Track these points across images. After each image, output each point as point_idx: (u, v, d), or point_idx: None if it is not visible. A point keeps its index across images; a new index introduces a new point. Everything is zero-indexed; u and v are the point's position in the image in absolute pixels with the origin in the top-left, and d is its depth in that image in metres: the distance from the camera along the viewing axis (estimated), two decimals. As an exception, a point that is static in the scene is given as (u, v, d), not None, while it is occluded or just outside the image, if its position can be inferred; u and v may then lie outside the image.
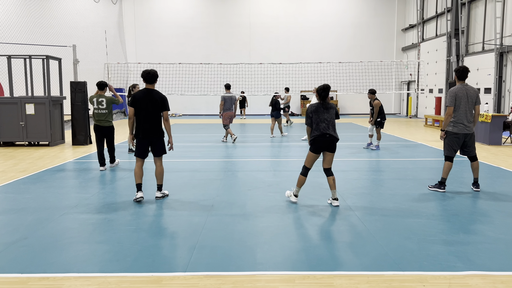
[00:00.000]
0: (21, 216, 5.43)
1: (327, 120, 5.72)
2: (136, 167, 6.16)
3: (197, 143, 12.95)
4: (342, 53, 26.90)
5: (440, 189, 6.67)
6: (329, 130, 5.70)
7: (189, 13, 27.55)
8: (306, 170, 5.91)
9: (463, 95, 6.39)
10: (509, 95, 17.24)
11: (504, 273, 3.72)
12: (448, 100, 6.46)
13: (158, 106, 5.97)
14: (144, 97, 5.94)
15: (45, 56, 12.40)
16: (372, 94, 11.29)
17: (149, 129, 5.98)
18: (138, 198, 6.05)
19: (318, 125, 5.72)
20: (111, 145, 8.73)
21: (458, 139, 6.50)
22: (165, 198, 6.32)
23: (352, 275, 3.69)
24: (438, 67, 22.81)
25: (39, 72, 13.18)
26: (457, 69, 6.52)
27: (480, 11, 19.67)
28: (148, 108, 5.93)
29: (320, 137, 5.70)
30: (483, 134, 12.62)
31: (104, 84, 8.63)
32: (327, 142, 5.73)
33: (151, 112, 5.94)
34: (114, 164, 8.85)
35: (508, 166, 8.86)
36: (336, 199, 5.90)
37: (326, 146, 5.75)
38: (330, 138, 5.71)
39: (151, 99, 5.94)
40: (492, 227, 4.94)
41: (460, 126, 6.42)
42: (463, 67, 6.50)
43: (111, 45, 23.86)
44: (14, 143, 12.35)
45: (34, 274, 3.71)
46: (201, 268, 3.81)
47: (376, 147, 11.44)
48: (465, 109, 6.39)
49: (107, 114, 8.47)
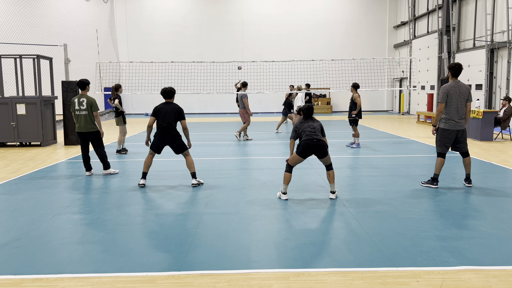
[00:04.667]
0: (13, 217, 5.38)
1: (313, 127, 5.86)
2: (148, 158, 7.09)
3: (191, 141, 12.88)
4: (334, 51, 26.96)
5: (433, 185, 6.73)
6: (316, 134, 5.78)
7: (181, 12, 27.45)
8: (290, 168, 6.00)
9: (455, 92, 6.42)
10: (500, 91, 17.39)
11: (496, 268, 3.76)
12: (440, 97, 6.50)
13: (175, 117, 6.95)
14: (163, 109, 6.96)
15: (36, 56, 12.29)
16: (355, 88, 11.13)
17: (167, 136, 6.95)
18: (141, 184, 6.99)
19: (304, 131, 5.85)
20: (99, 151, 7.82)
21: (450, 136, 6.55)
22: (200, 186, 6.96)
23: (347, 271, 3.71)
24: (430, 64, 22.95)
25: (30, 72, 13.06)
26: (451, 66, 6.51)
27: (471, 8, 19.81)
28: (166, 117, 6.91)
29: (307, 141, 5.77)
30: (474, 130, 12.72)
31: (86, 82, 7.82)
32: (314, 147, 5.76)
33: (169, 122, 6.91)
34: (107, 172, 7.92)
35: (500, 162, 8.94)
36: (333, 192, 6.07)
37: (313, 150, 5.80)
38: (318, 143, 5.76)
39: (169, 111, 6.93)
40: (484, 222, 4.99)
41: (452, 122, 6.47)
42: (458, 64, 6.50)
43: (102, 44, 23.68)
44: (5, 143, 12.24)
45: (27, 276, 3.68)
46: (196, 267, 3.81)
47: (356, 145, 11.20)
48: (456, 106, 6.44)
49: (87, 117, 7.59)
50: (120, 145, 10.46)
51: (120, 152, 10.40)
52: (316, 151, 5.81)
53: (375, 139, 13.05)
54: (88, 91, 7.95)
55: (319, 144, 5.77)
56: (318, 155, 5.86)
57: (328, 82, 22.85)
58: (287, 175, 6.00)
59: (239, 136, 13.08)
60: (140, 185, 7.00)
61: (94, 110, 7.64)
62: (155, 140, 7.04)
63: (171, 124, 6.92)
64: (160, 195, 6.47)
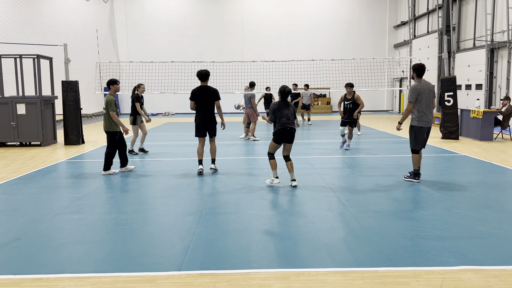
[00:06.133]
0: (13, 217, 5.38)
1: (287, 115, 6.70)
2: (199, 146, 7.94)
3: (190, 141, 12.91)
4: (334, 51, 26.95)
5: (415, 179, 7.09)
6: (289, 124, 6.68)
7: (181, 11, 27.45)
8: (271, 155, 6.91)
9: (425, 90, 6.87)
10: (500, 91, 17.39)
11: (496, 267, 3.76)
12: (410, 96, 6.88)
13: (211, 98, 7.74)
14: (200, 92, 7.73)
15: (36, 56, 12.29)
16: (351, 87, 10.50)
17: (205, 115, 7.78)
18: (199, 170, 7.83)
19: (280, 119, 6.70)
20: (106, 150, 8.00)
21: (423, 133, 6.96)
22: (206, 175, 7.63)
23: (347, 271, 3.71)
24: (430, 63, 22.94)
25: (30, 72, 13.06)
26: (416, 67, 6.94)
27: (471, 7, 19.80)
28: (203, 99, 7.71)
29: (282, 130, 6.67)
30: (474, 130, 12.72)
31: (108, 81, 7.93)
32: (287, 134, 6.71)
33: (206, 102, 7.72)
34: (124, 169, 8.15)
35: (500, 162, 8.94)
36: (294, 180, 6.84)
37: (286, 137, 6.74)
38: (291, 131, 6.71)
39: (206, 93, 7.73)
40: (484, 222, 4.99)
41: (425, 119, 6.88)
42: (422, 65, 6.98)
43: (102, 44, 23.69)
44: (5, 143, 12.24)
45: (27, 275, 3.68)
46: (196, 267, 3.81)
47: (348, 146, 10.84)
48: (426, 103, 6.87)
49: (105, 116, 7.86)
50: (132, 145, 10.33)
51: (131, 153, 10.24)
52: (288, 138, 6.75)
53: (375, 139, 13.04)
54: (117, 91, 8.02)
55: (292, 132, 6.74)
56: (288, 141, 6.78)
57: (328, 82, 22.84)
58: (272, 162, 6.89)
59: (247, 136, 13.26)
60: (199, 171, 7.81)
61: (110, 110, 7.79)
62: (196, 127, 7.83)
63: (209, 107, 7.71)
64: (161, 195, 6.48)
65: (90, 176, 7.90)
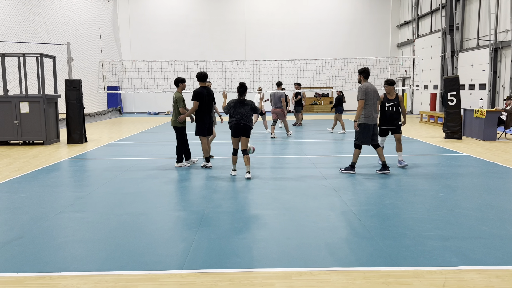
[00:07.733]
0: (16, 215, 5.40)
1: (241, 113, 7.46)
2: (203, 144, 8.35)
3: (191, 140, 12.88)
4: (337, 50, 26.91)
5: (352, 171, 7.82)
6: (243, 120, 7.45)
7: (184, 11, 27.46)
8: (234, 151, 7.66)
9: (371, 91, 7.55)
10: (504, 91, 17.32)
11: (499, 268, 3.74)
12: (360, 95, 7.51)
13: (211, 98, 8.32)
14: (206, 92, 8.22)
15: (39, 54, 12.32)
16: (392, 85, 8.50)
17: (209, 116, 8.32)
18: (208, 166, 8.39)
19: (235, 116, 7.46)
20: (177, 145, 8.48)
21: (369, 129, 7.61)
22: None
23: (349, 271, 3.71)
24: (433, 63, 22.88)
25: (33, 71, 13.08)
26: (363, 70, 7.67)
27: (474, 7, 19.73)
28: (208, 100, 8.25)
29: (235, 125, 7.46)
30: (477, 129, 12.68)
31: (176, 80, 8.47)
32: (241, 129, 7.46)
33: (208, 103, 8.25)
34: (189, 162, 8.65)
35: (503, 162, 8.91)
36: (249, 172, 7.45)
37: (241, 131, 7.47)
38: (244, 126, 7.46)
39: (209, 93, 8.28)
40: (486, 222, 4.97)
41: (370, 117, 7.53)
42: (367, 68, 7.71)
43: (105, 43, 23.75)
44: (9, 142, 12.28)
45: (30, 273, 3.70)
46: (198, 266, 3.82)
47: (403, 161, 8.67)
48: (373, 103, 7.56)
49: (173, 112, 8.43)
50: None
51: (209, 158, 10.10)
52: (242, 132, 7.47)
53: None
54: (183, 88, 8.54)
55: (245, 128, 7.48)
56: (243, 134, 7.47)
57: (331, 81, 22.79)
58: (234, 158, 7.67)
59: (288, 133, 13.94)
60: (206, 166, 8.35)
61: (179, 106, 8.36)
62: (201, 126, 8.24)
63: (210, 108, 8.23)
64: (161, 194, 6.49)
65: (92, 174, 7.92)
